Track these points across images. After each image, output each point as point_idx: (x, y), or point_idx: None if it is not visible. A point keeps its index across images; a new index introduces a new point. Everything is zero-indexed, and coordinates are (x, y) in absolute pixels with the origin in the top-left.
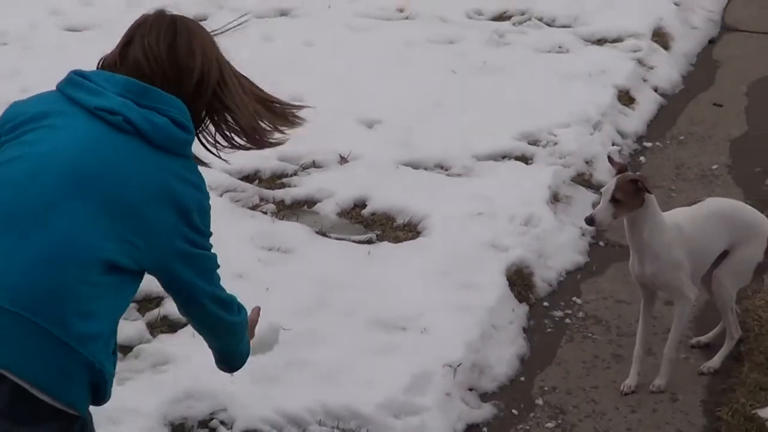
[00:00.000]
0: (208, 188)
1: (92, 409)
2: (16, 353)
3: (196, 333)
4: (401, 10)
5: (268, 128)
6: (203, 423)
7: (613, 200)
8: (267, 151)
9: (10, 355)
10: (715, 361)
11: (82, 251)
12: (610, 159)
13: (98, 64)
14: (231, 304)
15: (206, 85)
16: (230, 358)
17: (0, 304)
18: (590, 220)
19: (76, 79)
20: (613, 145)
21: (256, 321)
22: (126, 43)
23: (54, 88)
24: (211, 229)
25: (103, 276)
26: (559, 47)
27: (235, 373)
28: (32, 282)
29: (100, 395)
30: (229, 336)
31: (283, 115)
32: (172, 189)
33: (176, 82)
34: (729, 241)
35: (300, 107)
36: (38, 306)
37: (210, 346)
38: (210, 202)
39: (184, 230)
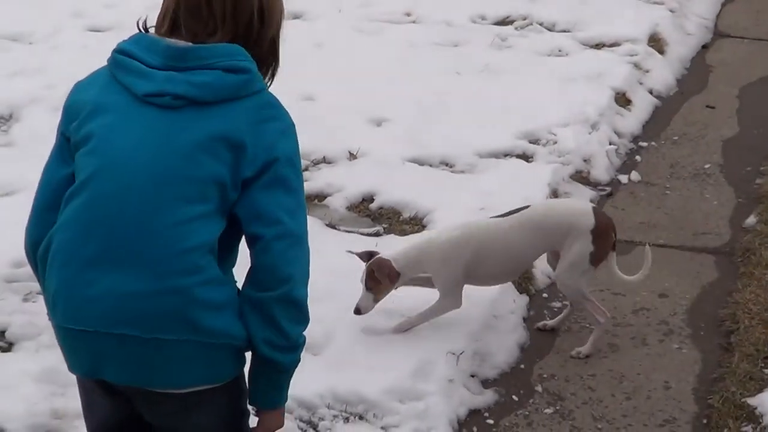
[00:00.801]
0: None
1: None
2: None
3: None
4: (408, 14)
5: None
6: None
7: (368, 289)
8: None
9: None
10: (589, 347)
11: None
12: (358, 254)
13: (140, 24)
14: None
15: (269, 25)
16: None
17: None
18: (357, 311)
19: (120, 59)
20: (609, 144)
21: None
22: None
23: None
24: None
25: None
26: (559, 51)
27: (247, 361)
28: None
29: None
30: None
31: None
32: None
33: (236, 25)
34: (547, 246)
35: None
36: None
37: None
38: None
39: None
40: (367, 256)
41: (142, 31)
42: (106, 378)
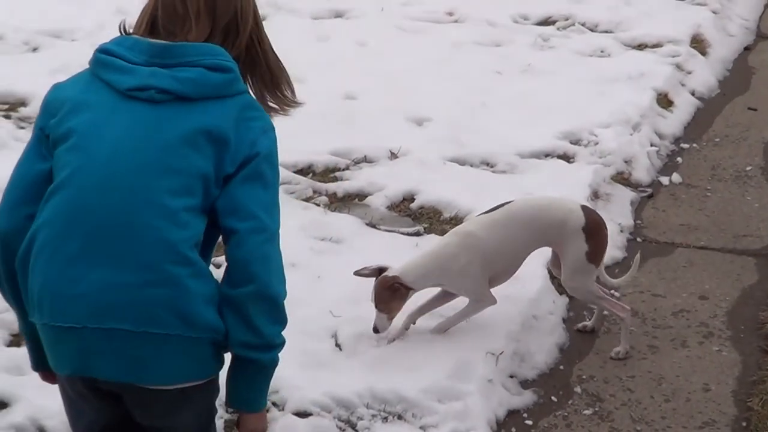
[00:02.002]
0: None
1: None
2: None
3: None
4: (450, 14)
5: (285, 95)
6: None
7: (379, 310)
8: (320, 146)
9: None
10: (623, 345)
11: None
12: (365, 274)
13: (120, 27)
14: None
15: (244, 26)
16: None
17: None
18: (375, 330)
19: (103, 58)
20: (651, 145)
21: None
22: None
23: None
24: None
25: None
26: (601, 51)
27: (287, 359)
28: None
29: None
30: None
31: (290, 88)
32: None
33: (213, 24)
34: (541, 242)
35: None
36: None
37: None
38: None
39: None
40: (377, 272)
41: (123, 33)
42: (96, 375)
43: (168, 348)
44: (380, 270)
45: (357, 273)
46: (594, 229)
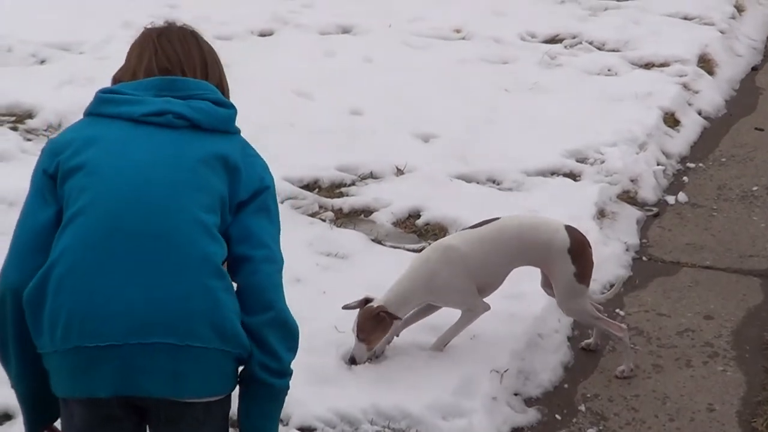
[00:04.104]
0: None
1: None
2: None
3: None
4: (458, 31)
5: None
6: None
7: (360, 340)
8: (326, 162)
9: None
10: (627, 364)
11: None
12: (352, 306)
13: (113, 81)
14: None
15: (220, 72)
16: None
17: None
18: (351, 360)
19: (108, 96)
20: (657, 165)
21: None
22: (144, 54)
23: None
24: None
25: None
26: (608, 70)
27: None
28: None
29: None
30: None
31: None
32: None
33: (203, 74)
34: (524, 261)
35: None
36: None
37: None
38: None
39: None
40: (363, 303)
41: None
42: (139, 393)
43: (205, 361)
44: (366, 301)
45: (345, 307)
46: (579, 250)
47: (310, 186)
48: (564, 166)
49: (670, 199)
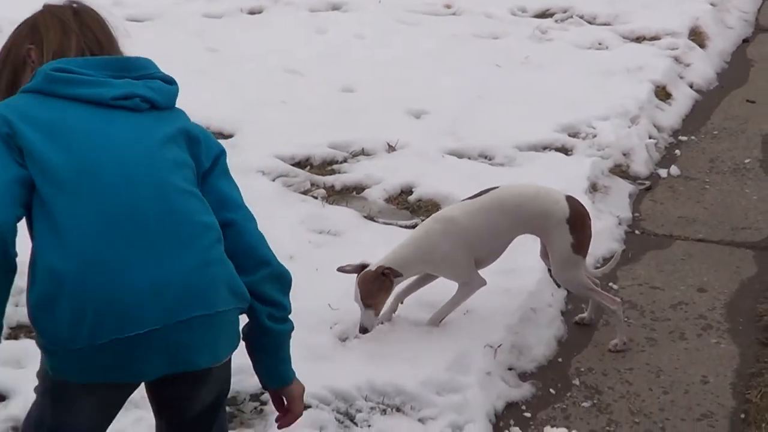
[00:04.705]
0: (261, 173)
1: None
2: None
3: None
4: (448, 6)
5: None
6: (254, 396)
7: (367, 306)
8: (318, 139)
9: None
10: (620, 337)
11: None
12: (348, 269)
13: (48, 56)
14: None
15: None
16: None
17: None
18: (363, 330)
19: (63, 76)
20: (649, 138)
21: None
22: (69, 34)
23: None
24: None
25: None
26: (599, 44)
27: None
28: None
29: None
30: None
31: None
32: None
33: (119, 53)
34: (524, 230)
35: None
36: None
37: None
38: None
39: None
40: (359, 269)
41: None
42: (188, 368)
43: (229, 323)
44: (362, 266)
45: (340, 269)
46: (578, 221)
47: (302, 163)
48: (556, 140)
49: (663, 173)
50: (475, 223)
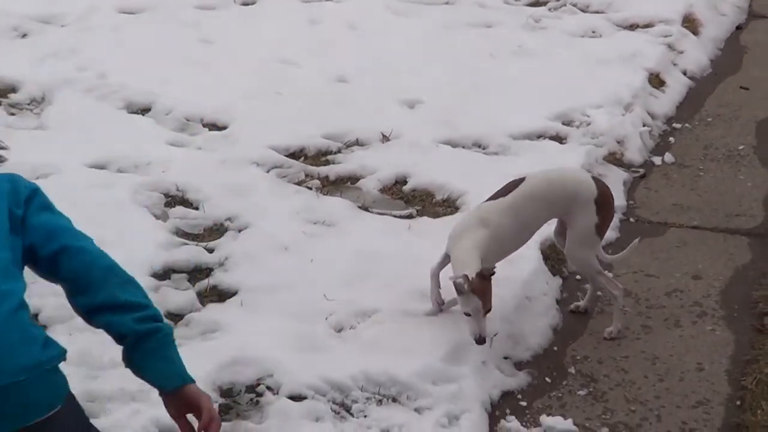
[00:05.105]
0: (255, 164)
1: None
2: None
3: (243, 302)
4: None
5: None
6: (250, 388)
7: (487, 312)
8: (312, 130)
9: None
10: (615, 325)
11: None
12: (456, 282)
13: None
14: None
15: None
16: None
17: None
18: (482, 340)
19: None
20: (643, 126)
21: None
22: None
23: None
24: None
25: None
26: (593, 32)
27: (280, 343)
28: None
29: None
30: None
31: None
32: None
33: None
34: (554, 214)
35: None
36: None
37: None
38: None
39: None
40: (466, 279)
41: None
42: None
43: (33, 384)
44: (466, 277)
45: (453, 280)
46: (605, 201)
47: (296, 154)
48: (550, 129)
49: (657, 160)
50: (512, 223)
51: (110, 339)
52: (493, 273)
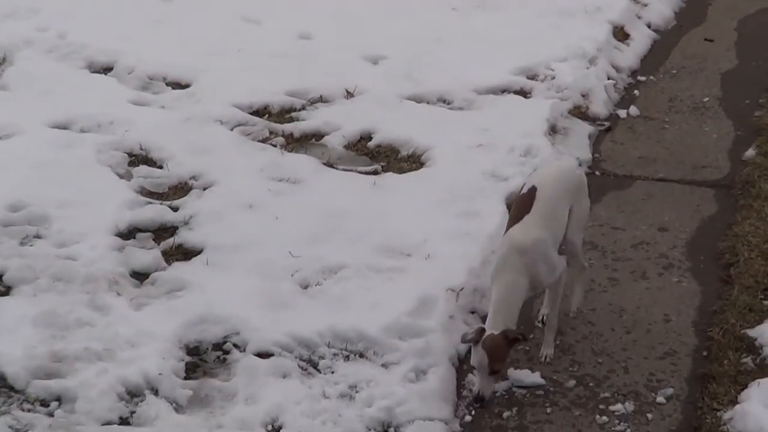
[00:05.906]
0: (219, 122)
1: (111, 333)
2: None
3: (209, 260)
4: None
5: None
6: (217, 345)
7: (493, 372)
8: (276, 87)
9: None
10: (578, 299)
11: None
12: (468, 339)
13: None
14: None
15: None
16: None
17: None
18: (481, 399)
19: None
20: (608, 79)
21: None
22: None
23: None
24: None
25: None
26: None
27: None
28: None
29: None
30: None
31: None
32: None
33: None
34: (570, 202)
35: None
36: None
37: None
38: None
39: None
40: (480, 333)
41: None
42: None
43: None
44: (482, 331)
45: (464, 340)
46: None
47: (260, 112)
48: (514, 83)
49: (622, 113)
50: (551, 228)
51: (76, 299)
52: (520, 338)
